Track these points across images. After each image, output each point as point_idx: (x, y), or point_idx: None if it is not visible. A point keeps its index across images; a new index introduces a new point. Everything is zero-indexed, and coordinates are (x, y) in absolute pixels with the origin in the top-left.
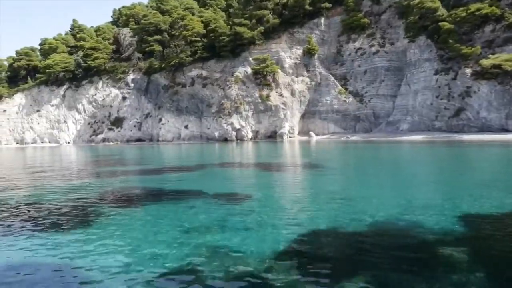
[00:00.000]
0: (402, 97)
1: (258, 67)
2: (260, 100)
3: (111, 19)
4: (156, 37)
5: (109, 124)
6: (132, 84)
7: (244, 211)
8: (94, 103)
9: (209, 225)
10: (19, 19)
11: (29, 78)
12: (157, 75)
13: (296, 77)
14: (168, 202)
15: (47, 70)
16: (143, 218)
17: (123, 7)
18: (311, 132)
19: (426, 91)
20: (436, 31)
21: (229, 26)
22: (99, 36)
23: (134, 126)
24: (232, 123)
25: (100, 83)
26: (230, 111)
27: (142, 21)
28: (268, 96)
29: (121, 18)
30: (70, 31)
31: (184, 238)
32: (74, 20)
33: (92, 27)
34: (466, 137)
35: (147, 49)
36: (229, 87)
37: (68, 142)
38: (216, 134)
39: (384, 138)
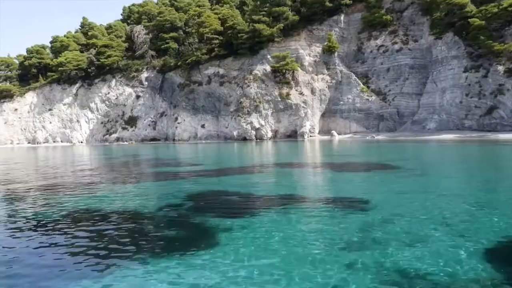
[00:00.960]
0: (428, 96)
1: (277, 65)
2: (279, 99)
3: (120, 17)
4: (172, 34)
5: (123, 123)
6: (146, 83)
7: (379, 220)
8: (107, 102)
9: (357, 238)
10: (25, 17)
11: (40, 77)
12: (172, 73)
13: (316, 75)
14: (279, 209)
15: (59, 68)
16: (269, 229)
17: (133, 4)
18: (333, 131)
19: (455, 89)
20: (464, 27)
21: (247, 23)
22: (111, 34)
23: (149, 125)
24: (251, 122)
25: (113, 82)
26: (249, 109)
27: (158, 18)
28: (288, 94)
29: (132, 16)
30: (80, 29)
31: (343, 255)
32: (84, 18)
33: (101, 25)
34: (502, 136)
35: (162, 46)
36: (248, 85)
37: (81, 142)
38: (235, 133)
39: (413, 137)
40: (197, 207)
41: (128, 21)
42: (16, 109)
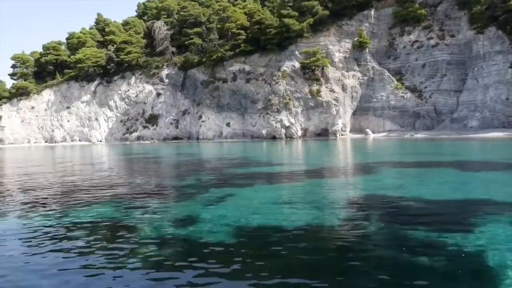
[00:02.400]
0: (468, 92)
1: (308, 61)
2: (310, 96)
3: (135, 13)
4: (196, 29)
5: (144, 121)
6: (167, 80)
7: None
8: (126, 100)
9: None
10: (34, 15)
11: (57, 74)
12: (195, 70)
13: (347, 71)
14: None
15: (78, 65)
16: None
17: (149, 0)
18: (367, 130)
19: (500, 85)
20: (508, 21)
21: (276, 18)
22: (129, 30)
23: (171, 123)
24: (281, 120)
25: (133, 79)
26: (278, 107)
27: (181, 12)
28: (318, 91)
29: (149, 12)
30: (94, 25)
31: None
32: (98, 14)
33: (115, 21)
34: None
35: (186, 42)
36: (277, 82)
37: (100, 141)
38: (264, 131)
39: (457, 135)
40: (408, 219)
41: (144, 17)
42: (33, 107)
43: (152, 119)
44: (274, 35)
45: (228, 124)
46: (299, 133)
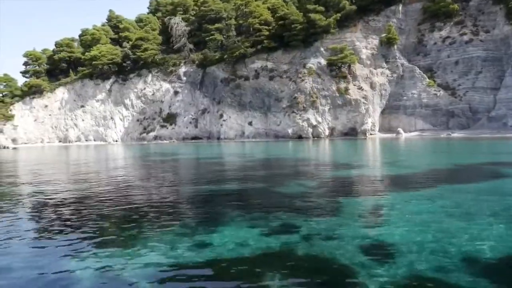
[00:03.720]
0: (507, 90)
1: (335, 58)
2: (337, 94)
3: (147, 10)
4: (217, 25)
5: (161, 120)
6: (185, 78)
7: None
8: (143, 98)
9: None
10: (44, 12)
11: (70, 71)
12: (214, 68)
13: (375, 69)
14: None
15: (93, 62)
16: None
17: None
18: (399, 129)
19: None
20: None
21: (301, 13)
22: (145, 27)
23: (190, 123)
24: (308, 119)
25: (149, 77)
26: (304, 105)
27: (202, 7)
28: (346, 89)
29: (163, 8)
30: (106, 22)
31: None
32: (110, 11)
33: (126, 19)
34: None
35: (207, 38)
36: (302, 80)
37: (116, 141)
38: (289, 131)
39: (499, 135)
40: None
41: (157, 14)
42: (46, 106)
43: (170, 118)
44: (300, 31)
45: (250, 123)
46: (326, 132)
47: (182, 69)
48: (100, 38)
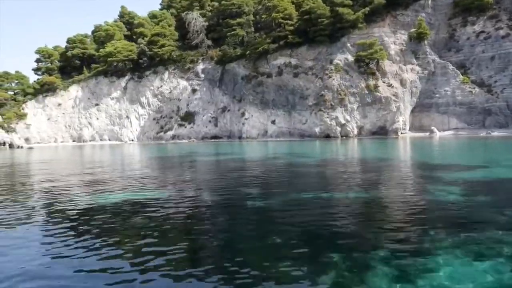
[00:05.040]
0: None
1: (365, 53)
2: (366, 91)
3: (159, 6)
4: (239, 20)
5: (179, 119)
6: (203, 75)
7: None
8: (159, 96)
9: None
10: (54, 8)
11: (84, 68)
12: (234, 64)
13: (404, 65)
14: None
15: (108, 59)
16: None
17: None
18: (433, 128)
19: None
20: None
21: (328, 7)
22: (159, 23)
23: (209, 121)
24: (336, 117)
25: (166, 74)
26: (332, 103)
27: (223, 2)
28: (376, 86)
29: (177, 3)
30: (118, 19)
31: None
32: (122, 7)
33: (137, 16)
34: None
35: (228, 34)
36: (330, 77)
37: (132, 140)
38: (317, 130)
39: None
40: None
41: (170, 10)
42: (59, 104)
43: (188, 117)
44: (326, 26)
45: (273, 122)
46: (355, 131)
47: (200, 66)
48: (114, 34)
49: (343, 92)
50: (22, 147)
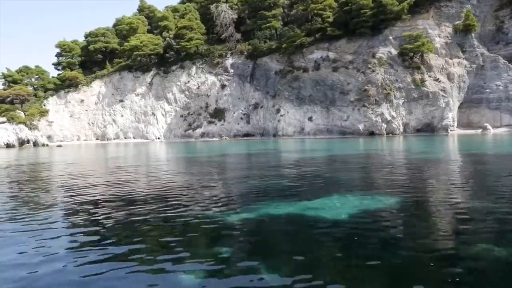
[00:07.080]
0: None
1: (411, 46)
2: (413, 86)
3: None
4: (274, 11)
5: (208, 116)
6: (232, 70)
7: None
8: (187, 92)
9: None
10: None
11: (107, 63)
12: (266, 59)
13: (450, 58)
14: None
15: (134, 53)
16: None
17: None
18: (486, 124)
19: None
20: None
21: None
22: (184, 16)
23: (241, 118)
24: (382, 114)
25: (194, 69)
26: (377, 98)
27: None
28: (423, 81)
29: None
30: (137, 13)
31: None
32: (141, 1)
33: (157, 9)
34: None
35: (263, 26)
36: (373, 71)
37: (158, 138)
38: (361, 126)
39: None
40: None
41: (191, 3)
42: (82, 100)
43: (218, 114)
44: (369, 17)
45: (310, 119)
46: (401, 128)
47: (229, 61)
48: (137, 28)
49: (388, 87)
50: (47, 145)
